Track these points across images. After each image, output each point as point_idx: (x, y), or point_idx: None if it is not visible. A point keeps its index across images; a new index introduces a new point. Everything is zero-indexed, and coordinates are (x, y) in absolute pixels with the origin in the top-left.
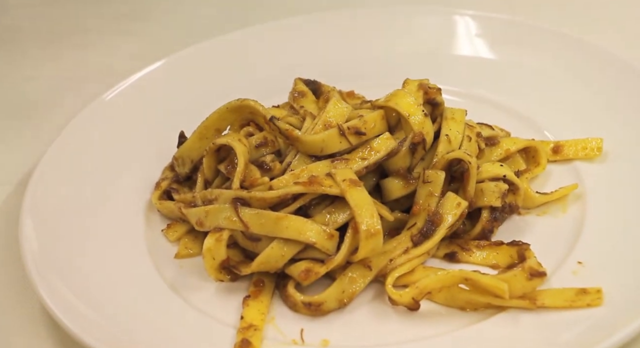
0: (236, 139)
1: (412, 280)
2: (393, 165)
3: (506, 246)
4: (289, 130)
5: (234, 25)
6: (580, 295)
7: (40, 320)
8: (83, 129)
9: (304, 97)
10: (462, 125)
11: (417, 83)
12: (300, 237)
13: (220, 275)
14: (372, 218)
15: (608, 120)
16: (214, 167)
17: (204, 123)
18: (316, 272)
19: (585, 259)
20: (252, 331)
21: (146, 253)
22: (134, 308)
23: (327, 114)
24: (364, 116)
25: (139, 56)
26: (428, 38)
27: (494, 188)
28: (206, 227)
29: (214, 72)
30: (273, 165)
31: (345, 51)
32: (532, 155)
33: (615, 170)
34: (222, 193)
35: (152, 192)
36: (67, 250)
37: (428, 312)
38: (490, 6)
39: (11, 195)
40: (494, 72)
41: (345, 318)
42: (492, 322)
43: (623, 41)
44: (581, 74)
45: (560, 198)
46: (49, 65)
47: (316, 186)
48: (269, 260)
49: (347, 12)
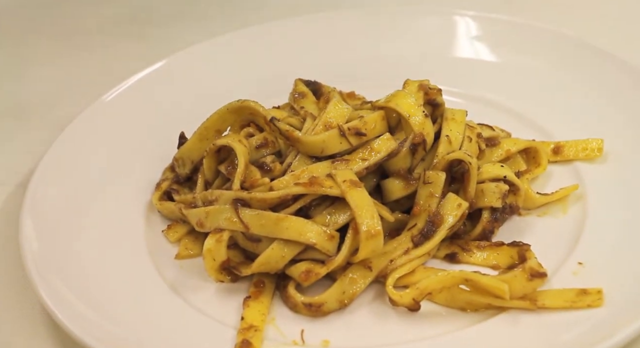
0: (236, 140)
1: (412, 280)
2: (393, 165)
3: (507, 247)
4: (289, 131)
5: (234, 25)
6: (580, 296)
7: (41, 321)
8: (83, 129)
9: (304, 98)
10: (463, 126)
11: (417, 84)
12: (300, 238)
13: (221, 276)
14: (373, 219)
15: (609, 121)
16: (214, 168)
17: (204, 124)
18: (317, 273)
19: (586, 260)
20: (252, 332)
21: (146, 254)
22: (134, 308)
23: (327, 115)
24: (365, 117)
25: (139, 57)
26: (429, 39)
27: (495, 189)
28: (206, 228)
29: (215, 73)
30: (273, 166)
31: (346, 52)
32: (533, 155)
33: (616, 170)
34: (223, 194)
35: (153, 193)
36: (67, 250)
37: (428, 312)
38: (491, 7)
39: (11, 195)
40: (495, 73)
41: (346, 319)
42: (492, 322)
43: (623, 42)
44: (582, 75)
45: (560, 199)
46: (49, 66)
47: (316, 187)
48: (270, 261)
49: (348, 12)
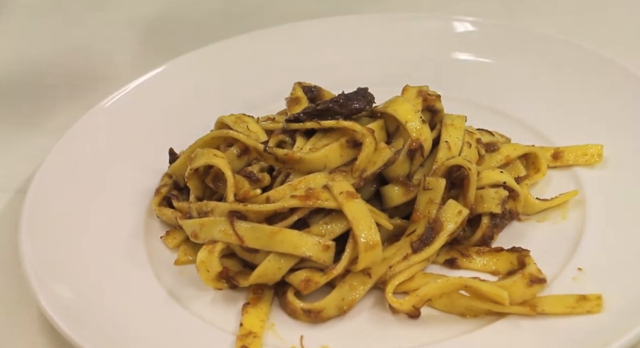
0: (211, 155)
1: (412, 287)
2: (392, 172)
3: (506, 252)
4: (288, 154)
5: (234, 30)
6: (580, 302)
7: (39, 326)
8: (82, 135)
9: (298, 104)
10: (462, 132)
11: (416, 89)
12: (295, 251)
13: (219, 284)
14: (370, 230)
15: (608, 127)
16: (200, 186)
17: (191, 147)
18: (316, 282)
19: (585, 265)
20: (251, 338)
21: (145, 260)
22: (133, 314)
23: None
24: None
25: (139, 62)
26: (428, 44)
27: (494, 194)
28: (200, 240)
29: (214, 78)
30: (262, 176)
31: (346, 57)
32: (532, 161)
33: (616, 176)
34: (218, 206)
35: (152, 198)
36: (66, 256)
37: (428, 318)
38: (490, 12)
39: (11, 201)
40: (494, 78)
41: (346, 325)
42: (492, 328)
43: (624, 47)
44: (581, 80)
45: (560, 205)
46: (47, 72)
47: (313, 200)
48: (267, 273)
49: (348, 18)
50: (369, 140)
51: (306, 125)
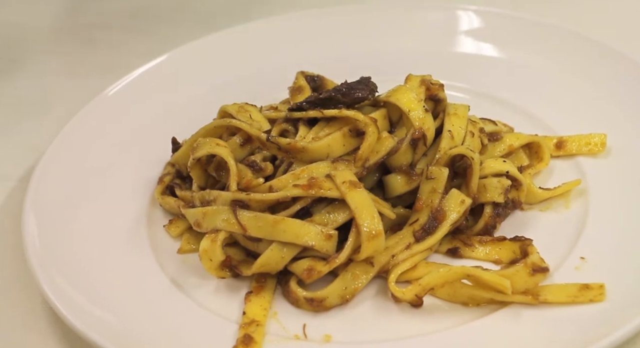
0: (214, 144)
1: (414, 276)
2: (395, 161)
3: (509, 242)
4: (291, 143)
5: (238, 20)
6: (583, 291)
7: (43, 315)
8: (86, 124)
9: (300, 94)
10: (465, 121)
11: (419, 79)
12: (298, 241)
13: (222, 273)
14: (373, 219)
15: (611, 116)
16: (203, 175)
17: (193, 136)
18: (319, 271)
19: (588, 255)
20: (254, 326)
21: (148, 248)
22: (136, 303)
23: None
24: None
25: (141, 52)
26: (431, 33)
27: (497, 184)
28: (203, 229)
29: (218, 66)
30: (265, 166)
31: (349, 46)
32: (535, 150)
33: (619, 165)
34: (221, 195)
35: (155, 187)
36: (69, 245)
37: (430, 307)
38: (494, 1)
39: (14, 190)
40: (497, 67)
41: (348, 314)
42: (494, 317)
43: (627, 37)
44: (585, 70)
45: (563, 194)
46: (51, 60)
47: (315, 189)
48: (269, 262)
49: (350, 7)
50: (371, 129)
51: (309, 114)
